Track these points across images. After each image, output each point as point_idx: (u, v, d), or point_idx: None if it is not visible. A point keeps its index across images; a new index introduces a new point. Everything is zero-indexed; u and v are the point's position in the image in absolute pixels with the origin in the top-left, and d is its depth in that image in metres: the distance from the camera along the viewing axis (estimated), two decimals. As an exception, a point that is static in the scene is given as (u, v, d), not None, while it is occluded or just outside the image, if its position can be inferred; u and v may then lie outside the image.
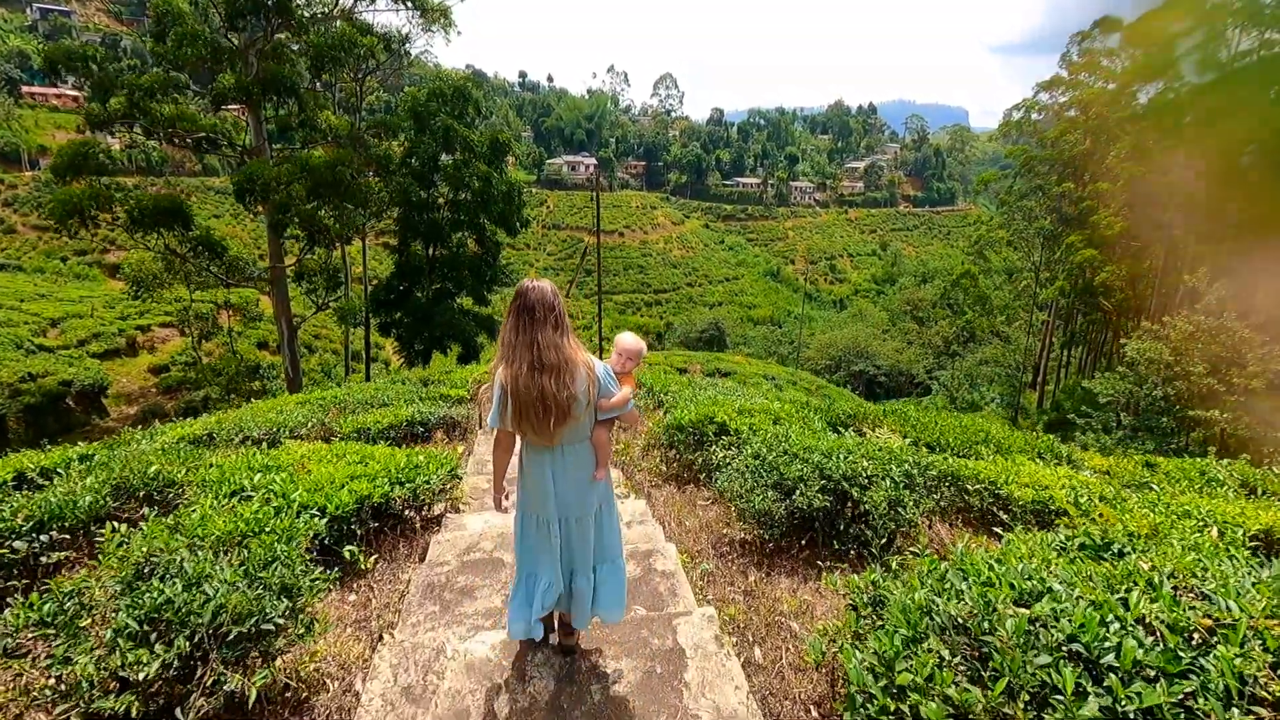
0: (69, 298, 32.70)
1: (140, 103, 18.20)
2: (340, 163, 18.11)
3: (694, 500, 4.80)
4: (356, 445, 4.77)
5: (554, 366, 2.38)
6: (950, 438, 5.04)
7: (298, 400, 7.60)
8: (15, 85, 72.50)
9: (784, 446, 4.07)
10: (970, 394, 51.94)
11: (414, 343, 25.49)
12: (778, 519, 3.66)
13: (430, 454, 4.59)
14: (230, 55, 19.00)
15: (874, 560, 3.34)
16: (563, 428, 2.46)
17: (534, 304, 2.41)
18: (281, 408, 6.79)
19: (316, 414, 6.45)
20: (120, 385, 24.36)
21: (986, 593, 1.79)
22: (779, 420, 5.12)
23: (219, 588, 2.33)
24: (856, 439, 4.31)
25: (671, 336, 63.83)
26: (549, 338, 2.39)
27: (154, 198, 19.24)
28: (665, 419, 5.68)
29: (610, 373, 2.65)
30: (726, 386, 9.82)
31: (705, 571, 3.68)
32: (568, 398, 2.41)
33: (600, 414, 2.60)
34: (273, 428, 5.91)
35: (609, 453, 2.72)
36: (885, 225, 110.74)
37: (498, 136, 24.83)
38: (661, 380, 8.67)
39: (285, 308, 21.24)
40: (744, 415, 5.17)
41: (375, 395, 7.63)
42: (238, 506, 3.32)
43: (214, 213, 61.51)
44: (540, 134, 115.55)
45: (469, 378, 9.88)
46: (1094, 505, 3.26)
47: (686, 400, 6.71)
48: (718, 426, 5.16)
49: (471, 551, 3.93)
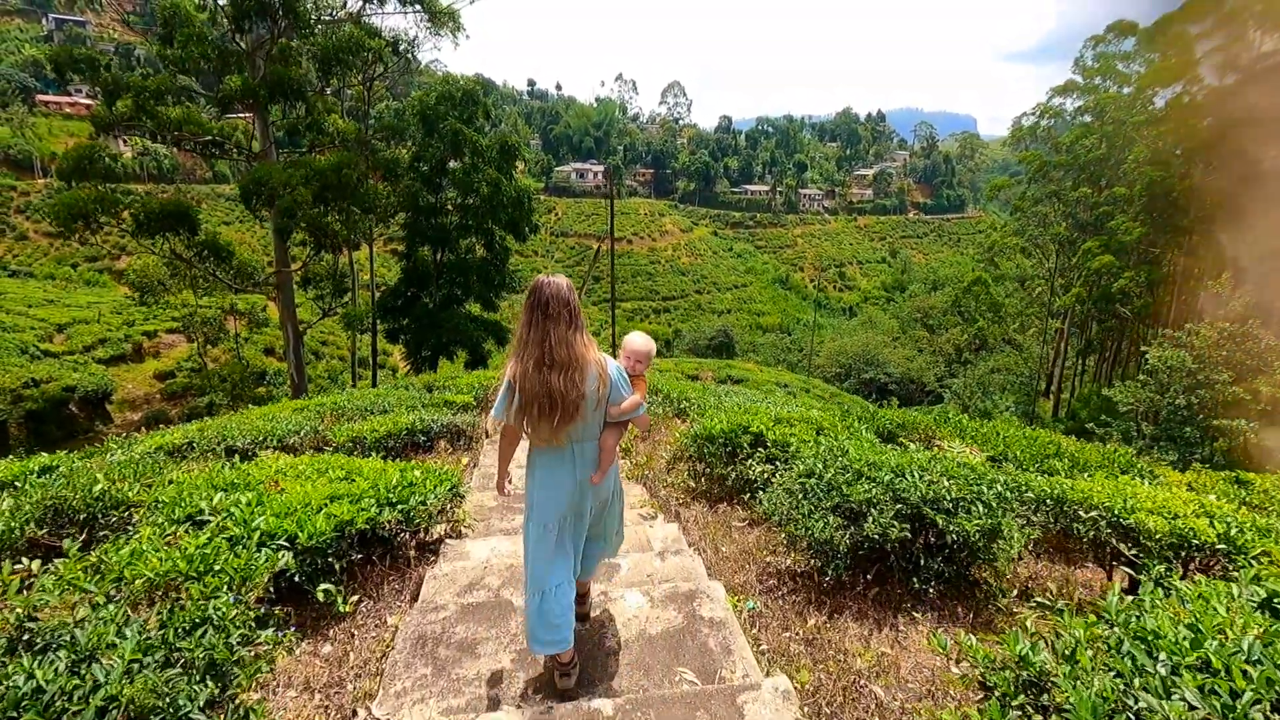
0: (78, 303, 32.60)
1: (146, 105, 17.97)
2: (346, 165, 17.79)
3: (729, 521, 4.28)
4: (343, 459, 4.16)
5: (563, 363, 2.34)
6: (1017, 450, 4.45)
7: (294, 407, 7.18)
8: (30, 94, 73.26)
9: (843, 462, 3.52)
10: (983, 402, 51.24)
11: (421, 349, 25.16)
12: (841, 550, 3.09)
13: (428, 469, 4.05)
14: (237, 58, 18.79)
15: (959, 600, 2.83)
16: (568, 426, 2.41)
17: (548, 299, 2.37)
18: (275, 414, 6.36)
19: (310, 421, 6.00)
20: (126, 391, 24.11)
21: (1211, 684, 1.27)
22: (822, 430, 4.64)
23: (115, 668, 1.72)
24: (927, 453, 3.75)
25: (680, 344, 63.39)
26: (560, 334, 2.36)
27: (160, 202, 18.99)
28: (693, 428, 5.18)
29: (624, 375, 2.60)
30: (750, 394, 9.33)
31: (752, 611, 3.17)
32: (576, 396, 2.36)
33: (610, 418, 2.56)
34: (259, 436, 5.43)
35: (612, 458, 2.64)
36: (895, 232, 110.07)
37: (506, 140, 24.53)
38: (677, 387, 8.22)
39: (291, 313, 20.93)
40: (782, 425, 4.67)
41: (375, 402, 7.20)
42: (184, 537, 2.78)
43: (224, 219, 61.72)
44: (548, 141, 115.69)
45: (475, 383, 9.41)
46: (1251, 540, 2.72)
47: (713, 408, 6.22)
48: (753, 437, 4.66)
49: (474, 590, 3.37)
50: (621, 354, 2.77)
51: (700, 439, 4.95)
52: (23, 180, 58.54)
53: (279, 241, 20.48)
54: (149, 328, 28.93)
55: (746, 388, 21.00)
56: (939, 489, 3.15)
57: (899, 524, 3.03)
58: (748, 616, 3.13)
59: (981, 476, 3.30)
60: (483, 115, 24.60)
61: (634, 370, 2.70)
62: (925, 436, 4.93)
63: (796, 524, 3.30)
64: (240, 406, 22.41)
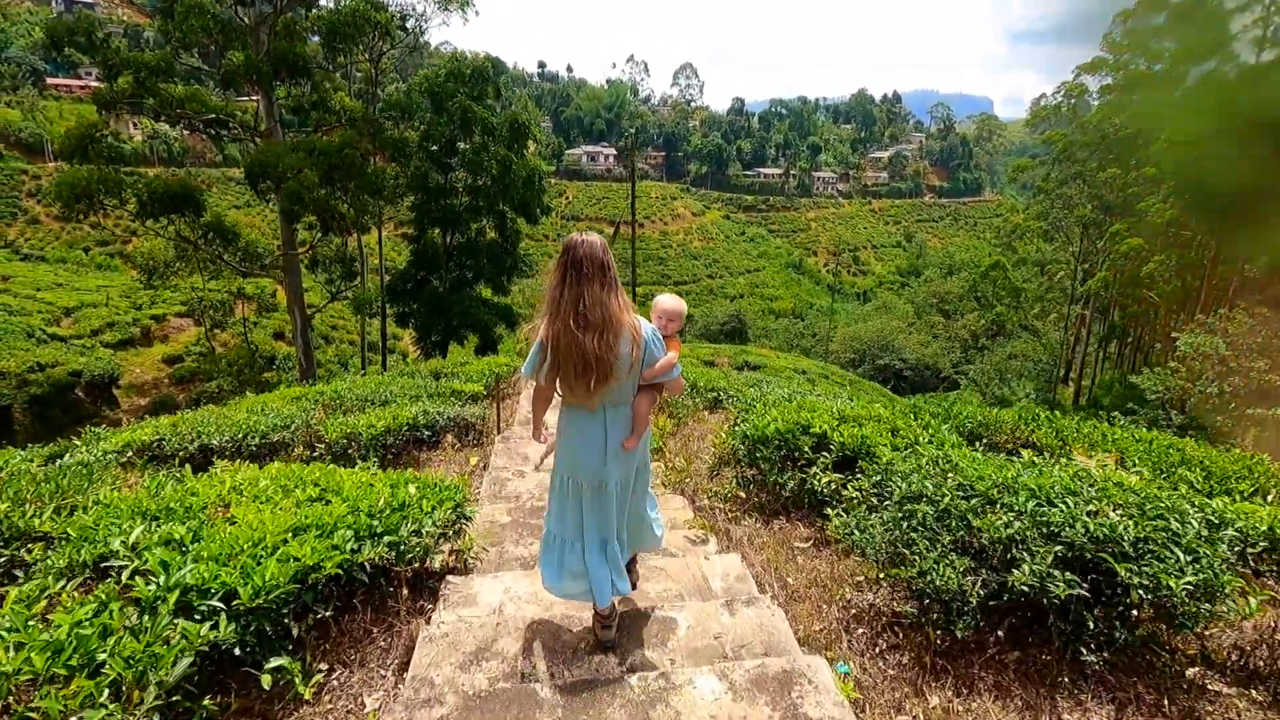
0: (87, 287, 32.41)
1: (148, 82, 17.47)
2: (349, 145, 17.23)
3: (790, 542, 3.60)
4: (319, 470, 3.21)
5: (598, 324, 2.29)
6: (1136, 456, 3.69)
7: (289, 396, 6.66)
8: (40, 77, 73.10)
9: (956, 479, 2.75)
10: (1000, 389, 50.38)
11: (430, 333, 24.71)
12: (971, 602, 2.35)
13: (426, 483, 3.23)
14: (240, 34, 18.21)
15: (1136, 674, 2.19)
16: (604, 388, 2.36)
17: (582, 259, 2.30)
18: (265, 405, 5.85)
19: (303, 414, 5.45)
20: (133, 375, 23.87)
21: None
22: (898, 431, 3.90)
23: None
24: (1072, 466, 2.93)
25: (692, 328, 62.71)
26: (595, 294, 2.29)
27: (164, 182, 18.56)
28: (741, 427, 4.42)
29: (658, 335, 2.54)
30: (785, 384, 8.70)
31: (846, 676, 2.44)
32: (611, 358, 2.32)
33: (644, 380, 2.51)
34: (241, 434, 4.82)
35: (647, 422, 2.56)
36: (910, 216, 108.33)
37: (517, 118, 23.80)
38: (703, 375, 7.62)
39: (298, 296, 20.52)
40: (850, 425, 3.98)
41: (377, 391, 6.63)
42: (63, 603, 2.02)
43: (234, 203, 61.48)
44: (559, 124, 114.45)
45: (486, 370, 8.84)
46: None
47: (756, 399, 5.54)
48: (816, 439, 3.95)
49: (483, 659, 2.52)
50: (653, 314, 2.70)
51: (751, 440, 4.22)
52: (34, 164, 58.49)
53: (285, 224, 20.04)
54: (157, 311, 28.66)
55: (765, 374, 20.40)
56: (1109, 524, 2.33)
57: (1064, 574, 2.24)
58: (841, 682, 2.41)
59: (1160, 504, 2.46)
60: (493, 93, 23.87)
61: (666, 330, 2.65)
62: (1013, 436, 4.19)
63: (906, 563, 2.56)
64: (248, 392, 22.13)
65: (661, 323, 2.68)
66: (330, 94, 19.97)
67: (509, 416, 6.83)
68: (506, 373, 8.97)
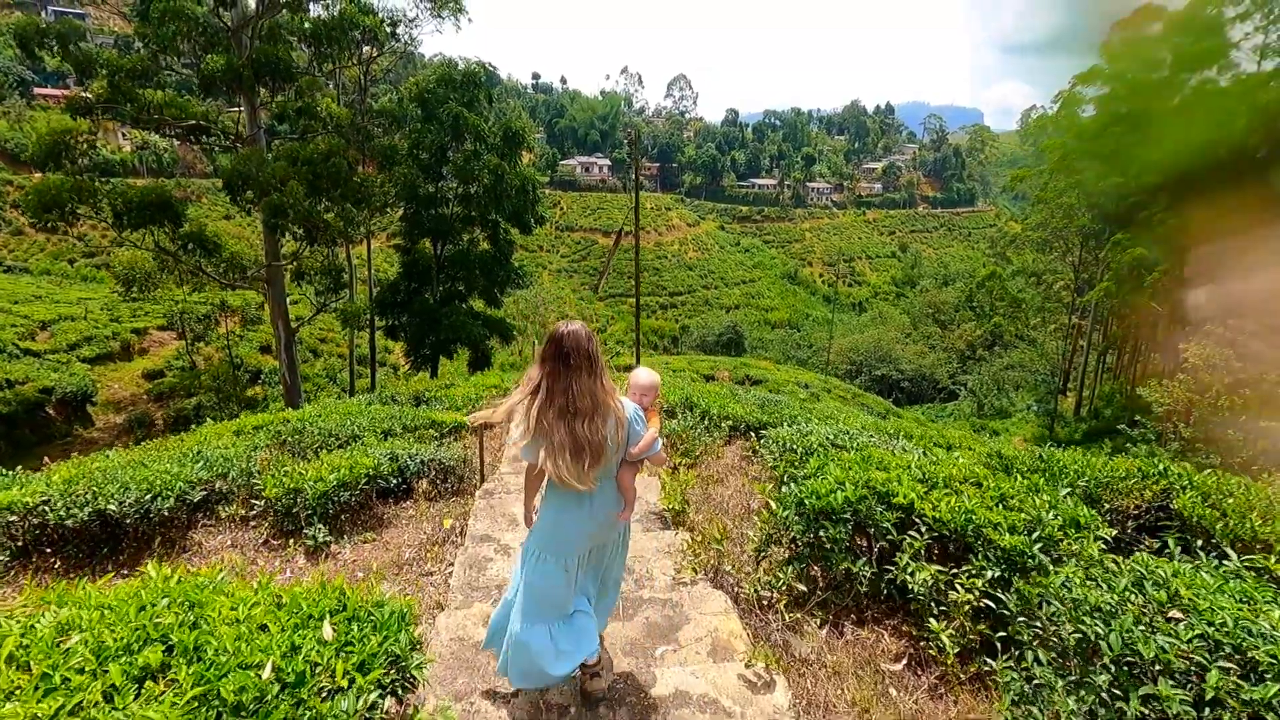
0: (68, 300, 31.50)
1: (123, 86, 16.75)
2: (335, 153, 16.52)
3: (875, 661, 2.70)
4: (192, 590, 2.01)
5: (587, 411, 2.38)
6: None
7: (250, 425, 5.86)
8: (27, 87, 72.24)
9: (1158, 596, 1.96)
10: (999, 400, 49.92)
11: (421, 347, 23.92)
12: None
13: (356, 608, 2.11)
14: (222, 37, 17.53)
15: None
16: (597, 469, 2.45)
17: (569, 351, 2.39)
18: (209, 442, 5.05)
19: (246, 457, 4.57)
20: (111, 392, 22.96)
21: None
22: (1006, 499, 2.92)
23: None
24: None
25: (687, 340, 62.17)
26: (584, 384, 2.39)
27: (140, 191, 17.80)
28: (791, 490, 3.38)
29: (640, 414, 2.63)
30: (821, 409, 7.93)
31: None
32: (600, 440, 2.41)
33: (629, 457, 2.58)
34: (154, 491, 3.78)
35: (634, 495, 2.67)
36: (904, 226, 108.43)
37: (511, 125, 23.16)
38: (713, 398, 6.84)
39: (282, 310, 19.75)
40: (943, 491, 3.05)
41: (343, 423, 5.69)
42: None
43: (225, 213, 60.63)
44: (553, 135, 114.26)
45: (472, 395, 7.95)
46: None
47: (797, 441, 4.51)
48: (900, 512, 3.03)
49: None
50: (630, 390, 2.79)
51: (811, 514, 3.21)
52: (19, 174, 57.54)
53: (269, 235, 19.30)
54: (138, 324, 27.76)
55: (766, 388, 19.72)
56: None
57: None
58: None
59: None
60: (485, 100, 23.22)
61: (643, 404, 2.73)
62: (1146, 503, 3.12)
63: None
64: (231, 408, 21.27)
65: (637, 397, 2.74)
66: (315, 99, 19.28)
67: (496, 451, 6.00)
68: (495, 396, 8.13)
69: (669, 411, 6.59)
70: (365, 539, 4.14)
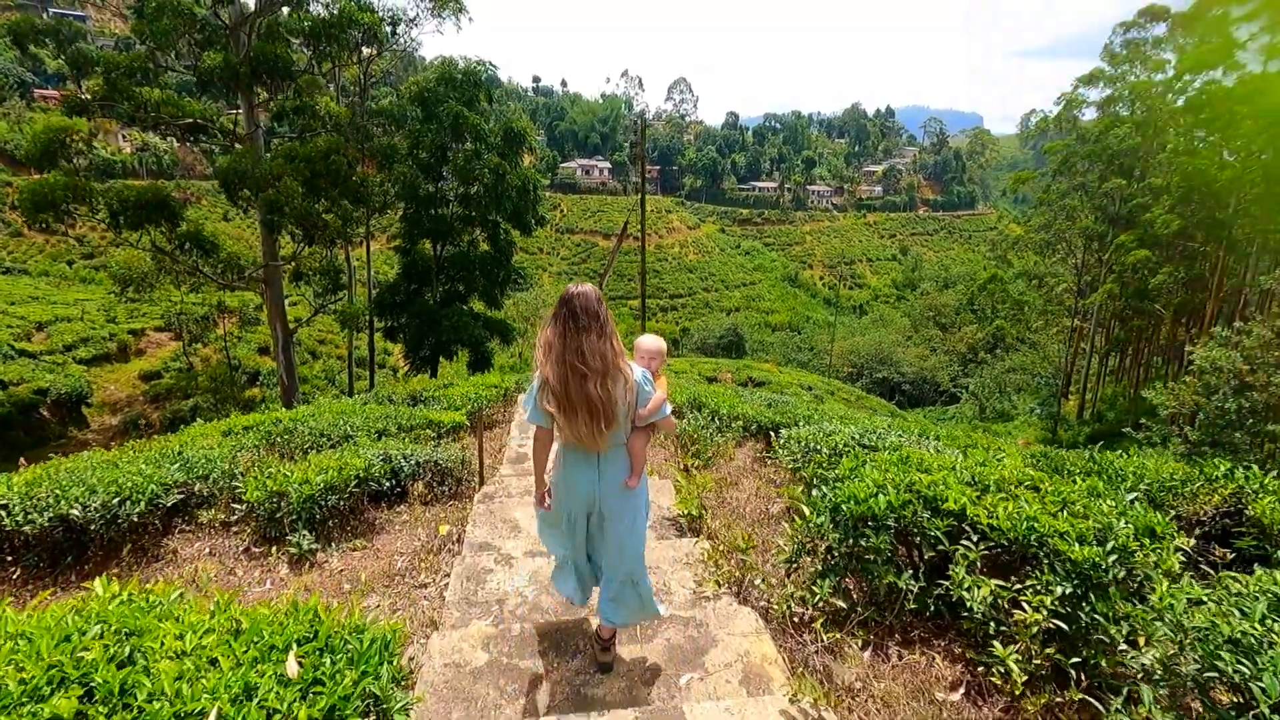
0: (65, 300, 31.28)
1: (120, 84, 16.55)
2: (335, 151, 16.30)
3: (927, 688, 2.37)
4: (127, 616, 1.64)
5: (599, 371, 2.40)
6: None
7: (226, 428, 5.59)
8: (28, 88, 72.14)
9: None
10: (1001, 403, 49.71)
11: (420, 348, 23.66)
12: None
13: (331, 636, 1.77)
14: (219, 34, 17.33)
15: None
16: (611, 431, 2.47)
17: (578, 311, 2.41)
18: (195, 442, 4.79)
19: (230, 458, 4.28)
20: (107, 393, 22.71)
21: None
22: (1069, 505, 2.59)
23: None
24: None
25: (688, 342, 61.95)
26: (593, 344, 2.40)
27: (136, 191, 17.59)
28: (825, 495, 3.04)
29: (648, 377, 2.62)
30: (827, 411, 7.67)
31: None
32: (612, 402, 2.43)
33: (639, 421, 2.58)
34: (123, 494, 3.43)
35: (644, 460, 2.66)
36: (904, 229, 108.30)
37: (512, 125, 22.94)
38: (721, 398, 6.59)
39: (280, 310, 19.52)
40: (996, 495, 2.73)
41: (336, 423, 5.40)
42: None
43: (225, 214, 60.54)
44: (553, 138, 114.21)
45: (471, 395, 7.57)
46: None
47: (820, 439, 4.20)
48: (950, 519, 2.68)
49: None
50: (636, 355, 2.78)
51: (850, 521, 2.83)
52: (19, 175, 57.39)
53: (266, 235, 19.08)
54: (135, 325, 27.52)
55: (770, 390, 19.49)
56: None
57: None
58: None
59: None
60: (485, 99, 22.99)
61: (651, 368, 2.73)
62: (1219, 511, 2.83)
63: None
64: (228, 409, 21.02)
65: (645, 362, 2.75)
66: (314, 98, 19.07)
67: (496, 453, 5.74)
68: (495, 396, 7.85)
69: (677, 412, 6.36)
70: (354, 546, 3.88)
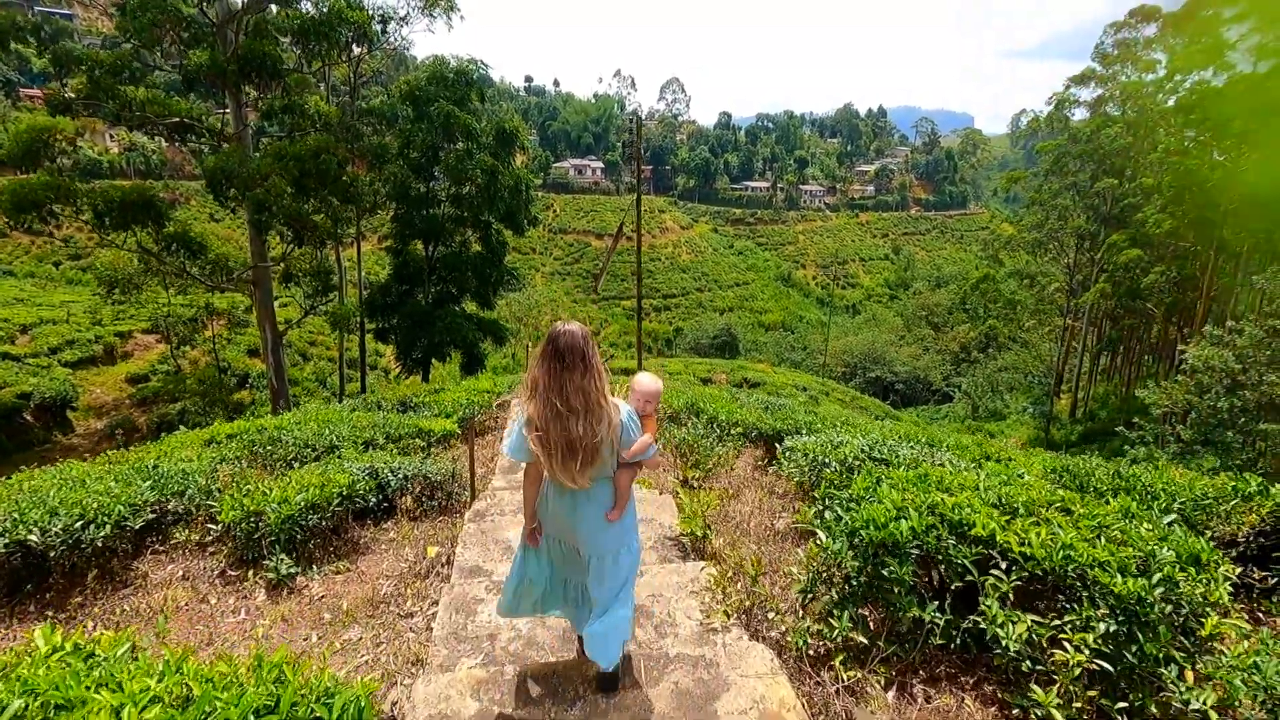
0: (51, 303, 30.82)
1: (103, 82, 16.25)
2: (324, 149, 16.06)
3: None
4: (60, 679, 1.33)
5: (580, 410, 2.41)
6: None
7: (224, 434, 5.38)
8: (13, 87, 71.23)
9: None
10: (993, 402, 49.81)
11: (412, 350, 23.42)
12: None
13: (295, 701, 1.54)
14: (206, 31, 17.05)
15: None
16: (590, 469, 2.49)
17: (564, 350, 2.42)
18: (164, 455, 4.57)
19: (209, 472, 4.03)
20: (93, 396, 22.35)
21: None
22: (1104, 531, 2.37)
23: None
24: None
25: (681, 342, 61.83)
26: (577, 383, 2.41)
27: (121, 190, 17.31)
28: (840, 517, 2.82)
29: (634, 417, 2.63)
30: (823, 412, 7.51)
31: None
32: (594, 440, 2.44)
33: (624, 460, 2.60)
34: (79, 519, 3.09)
35: (627, 496, 2.67)
36: (897, 229, 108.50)
37: (504, 125, 22.72)
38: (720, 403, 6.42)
39: (269, 312, 19.26)
40: (1027, 519, 2.48)
41: (321, 432, 5.14)
42: None
43: (214, 215, 60.00)
44: (546, 138, 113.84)
45: (463, 401, 7.28)
46: None
47: (828, 451, 3.96)
48: (979, 547, 2.45)
49: None
50: (631, 395, 2.78)
51: (869, 549, 2.63)
52: (4, 175, 56.68)
53: (254, 234, 18.83)
54: (122, 327, 27.12)
55: (764, 391, 19.36)
56: None
57: None
58: None
59: None
60: (477, 97, 22.75)
61: (643, 410, 2.72)
62: (1257, 533, 2.61)
63: None
64: (216, 413, 20.74)
65: (639, 403, 2.73)
66: (303, 97, 18.81)
67: (489, 461, 5.53)
68: (486, 402, 7.64)
69: (673, 417, 6.18)
70: (337, 569, 3.62)
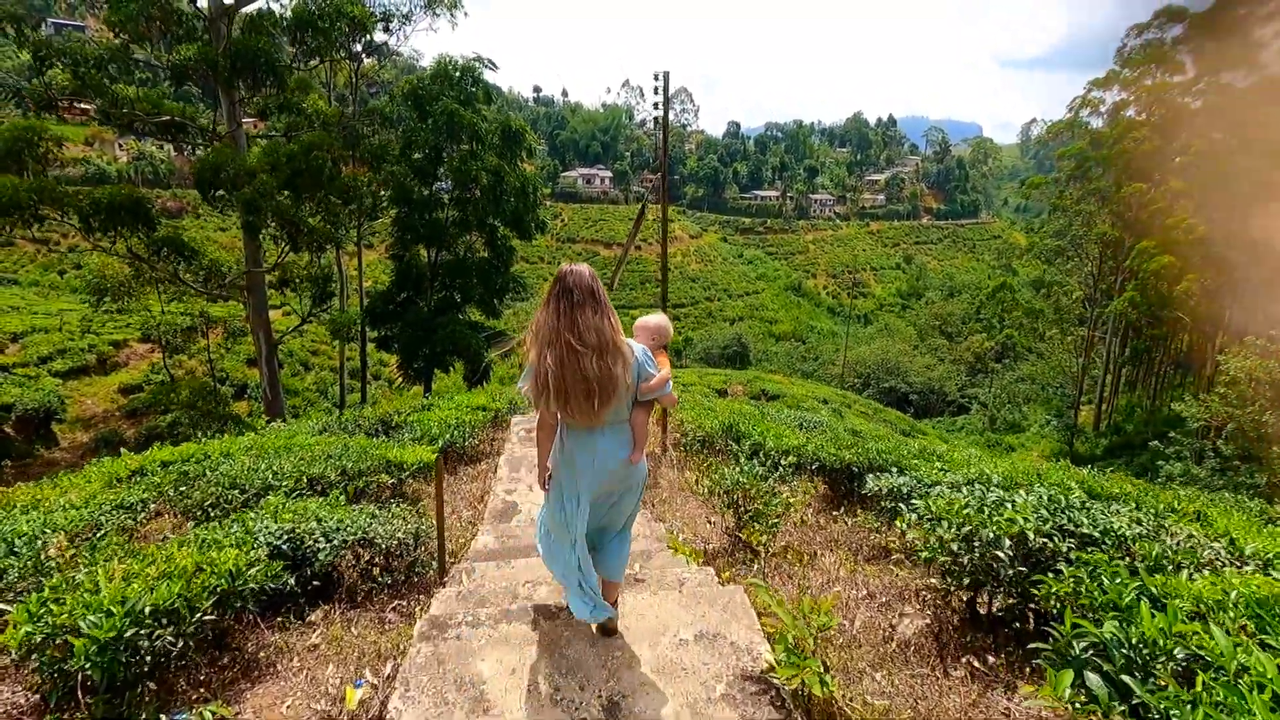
0: (48, 311, 30.17)
1: (89, 78, 15.47)
2: (317, 147, 15.17)
3: None
4: None
5: (595, 347, 2.34)
6: None
7: (130, 469, 4.26)
8: (23, 97, 71.66)
9: None
10: (1012, 414, 48.39)
11: (413, 359, 22.44)
12: None
13: None
14: (196, 25, 16.27)
15: None
16: (608, 409, 2.41)
17: (572, 287, 2.36)
18: (41, 501, 3.52)
19: (36, 548, 2.79)
20: (83, 407, 21.48)
21: None
22: None
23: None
24: None
25: (691, 352, 60.72)
26: (589, 320, 2.34)
27: (109, 193, 16.50)
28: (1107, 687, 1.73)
29: (649, 354, 2.59)
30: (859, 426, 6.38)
31: None
32: (611, 378, 2.37)
33: (641, 396, 2.57)
34: None
35: (646, 435, 2.61)
36: (908, 238, 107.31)
37: (510, 124, 21.81)
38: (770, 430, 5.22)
39: (262, 319, 18.36)
40: None
41: (257, 466, 3.89)
42: None
43: (220, 224, 59.60)
44: (554, 147, 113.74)
45: (451, 419, 5.97)
46: None
47: (998, 526, 2.77)
48: None
49: None
50: (639, 334, 2.76)
51: None
52: None
53: (248, 238, 17.95)
54: (117, 336, 26.34)
55: (785, 404, 18.25)
56: None
57: None
58: None
59: None
60: (483, 96, 21.85)
61: (652, 346, 2.69)
62: None
63: None
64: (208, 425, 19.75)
65: (647, 339, 2.73)
66: (300, 95, 17.98)
67: (477, 502, 4.23)
68: (481, 421, 6.46)
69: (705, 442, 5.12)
70: (202, 717, 2.19)
